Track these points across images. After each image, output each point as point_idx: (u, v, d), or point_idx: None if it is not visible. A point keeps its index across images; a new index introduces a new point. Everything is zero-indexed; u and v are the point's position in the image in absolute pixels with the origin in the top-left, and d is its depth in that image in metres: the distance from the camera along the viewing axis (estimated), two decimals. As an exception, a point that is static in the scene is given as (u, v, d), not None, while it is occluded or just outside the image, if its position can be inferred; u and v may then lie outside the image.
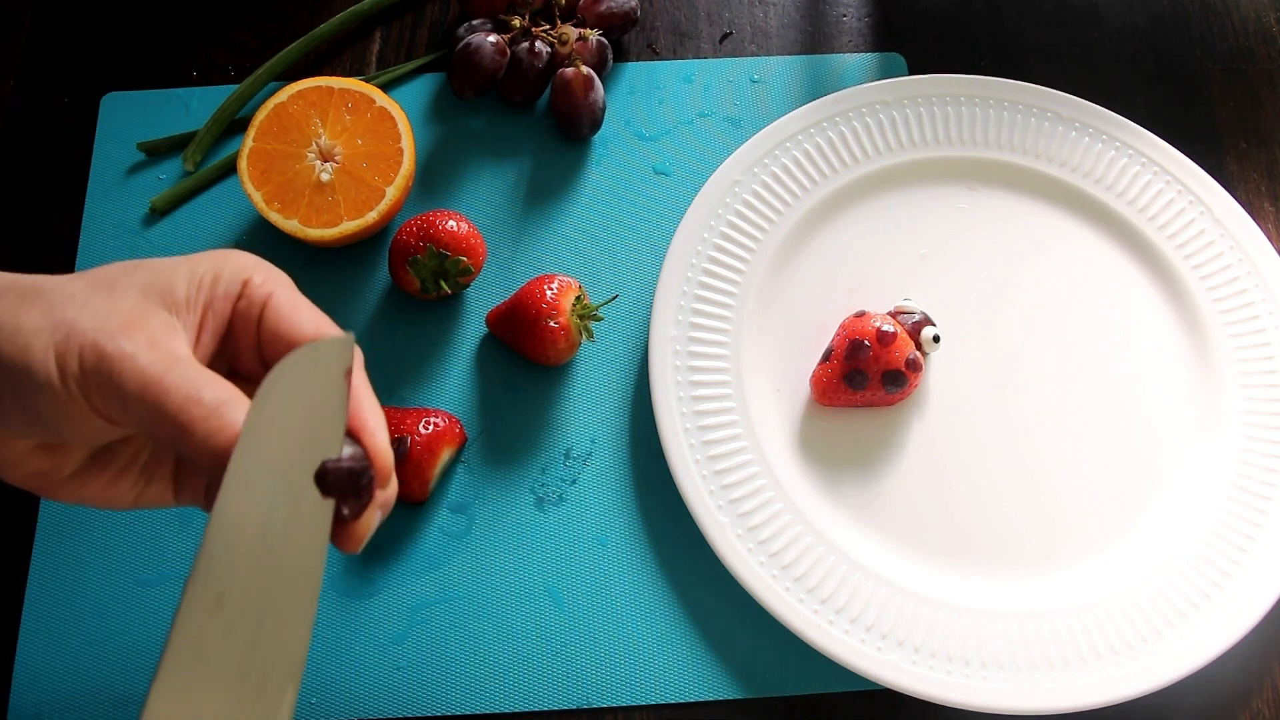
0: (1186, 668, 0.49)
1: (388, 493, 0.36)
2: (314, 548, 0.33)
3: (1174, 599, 0.51)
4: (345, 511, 0.34)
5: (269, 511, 0.33)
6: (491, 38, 0.59)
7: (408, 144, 0.57)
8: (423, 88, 0.63)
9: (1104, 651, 0.50)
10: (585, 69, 0.59)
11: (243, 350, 0.37)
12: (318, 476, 0.33)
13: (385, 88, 0.62)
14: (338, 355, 0.34)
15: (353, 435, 0.35)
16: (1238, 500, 0.53)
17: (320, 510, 0.33)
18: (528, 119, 0.63)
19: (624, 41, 0.65)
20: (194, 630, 0.32)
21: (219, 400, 0.33)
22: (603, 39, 0.62)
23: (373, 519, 0.35)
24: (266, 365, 0.37)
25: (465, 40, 0.60)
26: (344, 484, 0.33)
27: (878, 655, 0.49)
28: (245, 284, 0.36)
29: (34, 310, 0.33)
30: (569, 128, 0.60)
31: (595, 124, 0.60)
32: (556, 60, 0.61)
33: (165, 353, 0.33)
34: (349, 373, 0.34)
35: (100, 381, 0.33)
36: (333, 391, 0.34)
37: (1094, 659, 0.49)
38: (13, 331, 0.33)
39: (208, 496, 0.38)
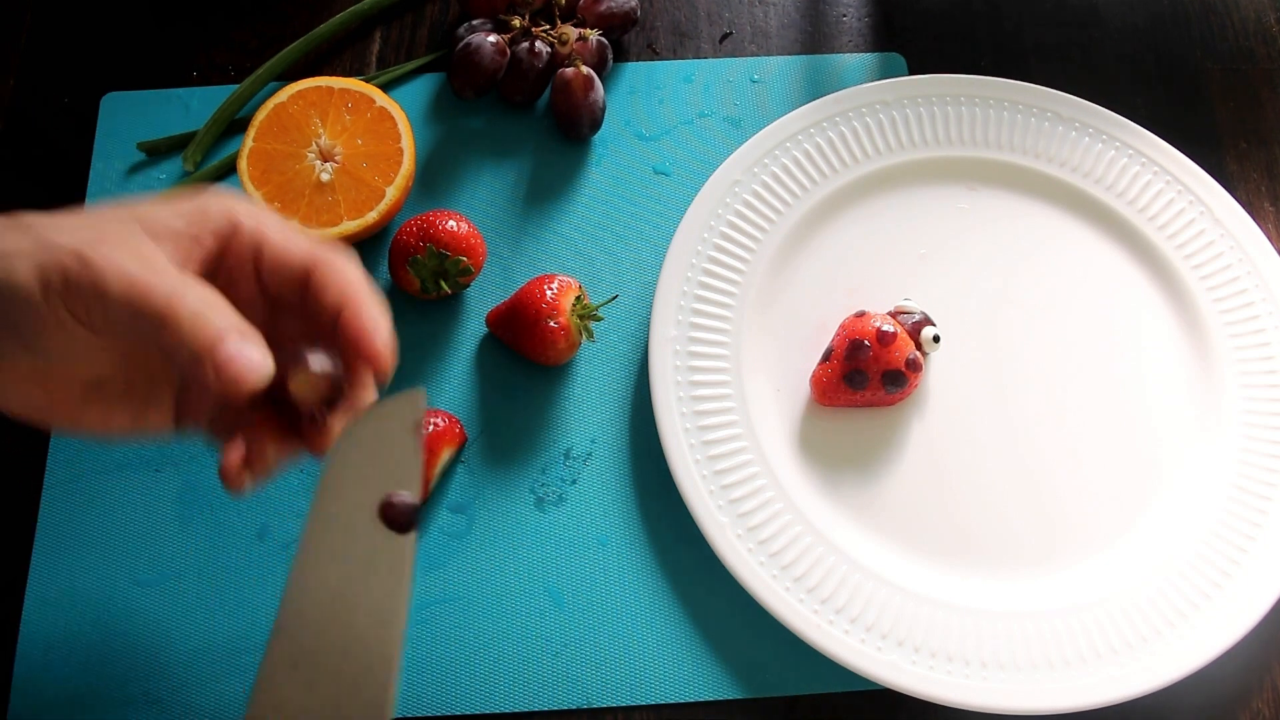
0: (1186, 668, 0.49)
1: (364, 397, 0.39)
2: (398, 589, 0.36)
3: (1174, 599, 0.51)
4: (316, 418, 0.37)
5: (347, 557, 0.36)
6: (491, 38, 0.59)
7: (408, 144, 0.57)
8: (423, 88, 0.63)
9: (1104, 651, 0.50)
10: (585, 69, 0.59)
11: (238, 280, 0.38)
12: (296, 387, 0.36)
13: (385, 88, 0.62)
14: (409, 411, 0.37)
15: (351, 336, 0.37)
16: (1238, 500, 0.53)
17: (402, 549, 0.36)
18: (528, 119, 0.63)
19: (624, 41, 0.65)
20: (277, 677, 0.35)
21: (202, 297, 0.34)
22: (603, 39, 0.62)
23: (342, 422, 0.38)
24: (268, 293, 0.39)
25: (465, 40, 0.60)
26: (321, 396, 0.37)
27: (878, 655, 0.49)
28: (235, 227, 0.37)
29: (21, 235, 0.34)
30: (569, 128, 0.60)
31: (595, 124, 0.60)
32: (556, 60, 0.61)
33: (148, 259, 0.35)
34: (420, 425, 0.37)
35: (83, 286, 0.34)
36: (407, 444, 0.37)
37: (1094, 659, 0.49)
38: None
39: (211, 425, 0.39)
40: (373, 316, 0.37)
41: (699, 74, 0.64)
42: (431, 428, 0.51)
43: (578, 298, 0.54)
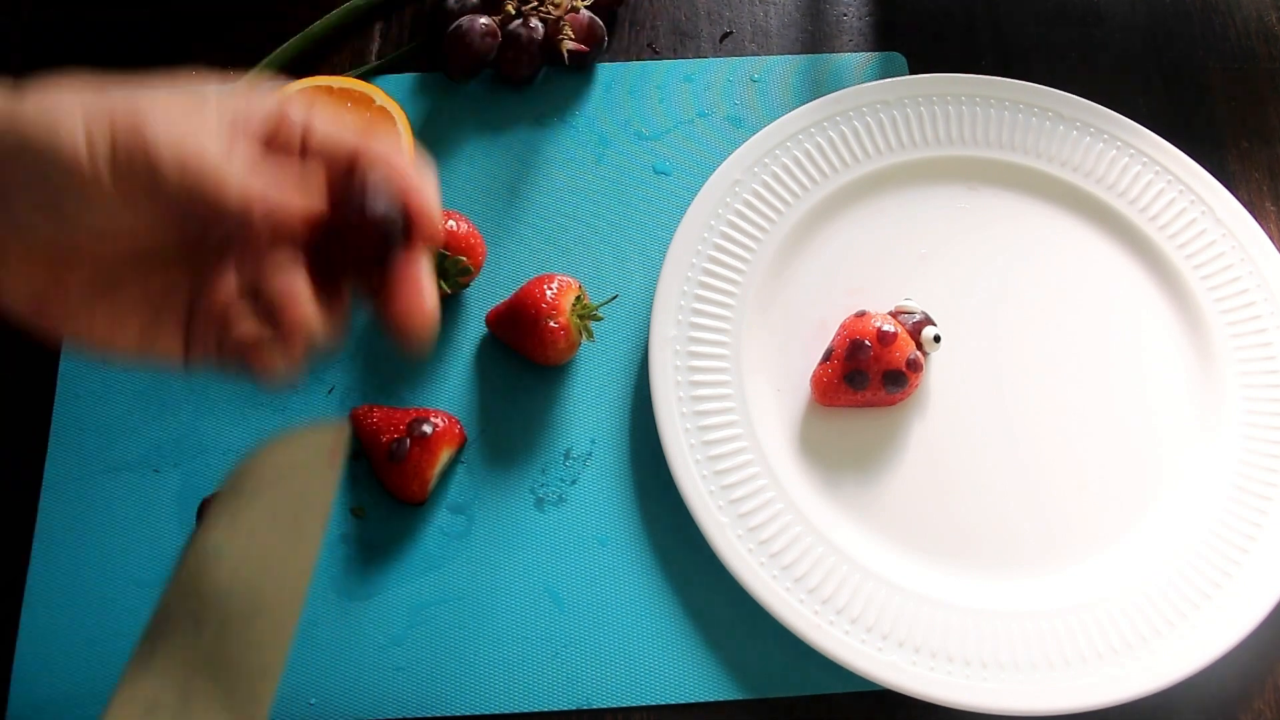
0: (1187, 668, 0.49)
1: (426, 301, 0.36)
2: (295, 588, 0.35)
3: (1174, 599, 0.51)
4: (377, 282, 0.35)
5: (251, 548, 0.35)
6: (482, 19, 0.60)
7: (407, 144, 0.57)
8: (422, 87, 0.63)
9: (1104, 651, 0.49)
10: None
11: (285, 167, 0.36)
12: (354, 218, 0.34)
13: (377, 77, 0.62)
14: (331, 437, 0.38)
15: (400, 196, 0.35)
16: (1238, 500, 0.53)
17: (306, 551, 0.36)
18: (527, 119, 0.62)
19: (616, 15, 0.65)
20: (165, 640, 0.34)
21: (252, 166, 0.34)
22: (595, 18, 0.62)
23: (423, 281, 0.36)
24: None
25: (456, 22, 0.60)
26: (380, 229, 0.34)
27: (878, 655, 0.49)
28: (282, 115, 0.36)
29: (71, 94, 0.33)
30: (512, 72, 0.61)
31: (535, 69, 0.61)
32: (550, 34, 0.61)
33: (199, 132, 0.34)
34: (338, 453, 0.38)
35: (133, 151, 0.32)
36: (324, 469, 0.37)
37: (1094, 659, 0.49)
38: (42, 111, 0.33)
39: (220, 351, 0.37)
40: (415, 175, 0.36)
41: (699, 74, 0.64)
42: (431, 428, 0.51)
43: (578, 298, 0.54)
